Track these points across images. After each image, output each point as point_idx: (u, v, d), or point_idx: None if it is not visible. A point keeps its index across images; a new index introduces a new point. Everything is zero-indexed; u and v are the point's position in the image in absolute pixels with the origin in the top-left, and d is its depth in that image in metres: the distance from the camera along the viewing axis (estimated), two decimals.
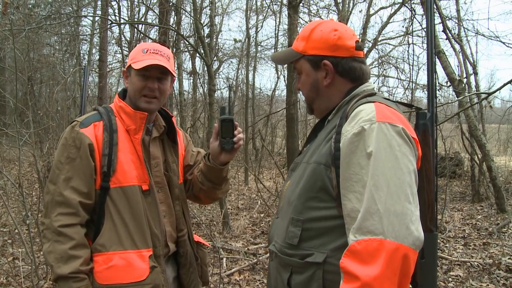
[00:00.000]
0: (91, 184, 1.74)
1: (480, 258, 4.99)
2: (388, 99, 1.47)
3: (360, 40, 1.51)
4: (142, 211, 1.78)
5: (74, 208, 1.69)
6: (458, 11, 9.10)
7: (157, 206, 1.85)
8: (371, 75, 1.62)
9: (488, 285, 4.17)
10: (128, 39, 11.19)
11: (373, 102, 1.37)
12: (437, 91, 9.25)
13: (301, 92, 1.63)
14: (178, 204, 1.97)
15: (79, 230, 1.70)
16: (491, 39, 8.43)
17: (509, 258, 4.87)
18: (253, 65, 14.37)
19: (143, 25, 10.48)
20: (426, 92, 1.50)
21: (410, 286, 1.34)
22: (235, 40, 12.53)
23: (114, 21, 8.15)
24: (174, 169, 1.97)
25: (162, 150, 1.96)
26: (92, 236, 1.76)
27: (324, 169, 1.38)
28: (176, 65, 9.69)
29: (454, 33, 8.75)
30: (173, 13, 9.07)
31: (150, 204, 1.83)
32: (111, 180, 1.75)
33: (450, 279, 4.33)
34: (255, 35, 14.11)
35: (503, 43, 7.95)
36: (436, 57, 6.41)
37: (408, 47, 9.77)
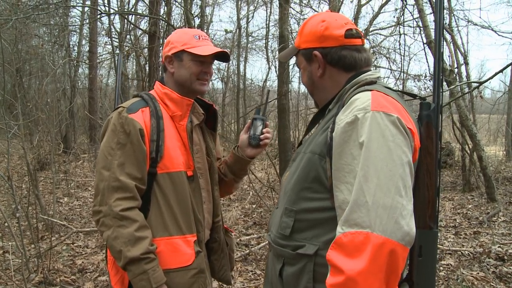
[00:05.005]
0: (144, 169, 1.73)
1: (470, 247, 5.03)
2: (390, 88, 1.41)
3: (353, 28, 1.46)
4: (188, 197, 1.80)
5: (132, 192, 1.69)
6: (449, 1, 9.10)
7: (201, 192, 1.89)
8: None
9: (478, 273, 4.20)
10: (118, 30, 11.06)
11: (371, 90, 1.32)
12: (428, 82, 9.28)
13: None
14: (217, 190, 2.02)
15: (139, 212, 1.70)
16: (484, 27, 8.44)
17: (499, 247, 4.91)
18: (244, 55, 14.33)
19: (133, 16, 10.35)
20: (417, 83, 1.47)
21: (407, 284, 1.30)
22: (226, 30, 12.47)
23: (103, 12, 8.04)
24: (214, 155, 2.02)
25: (202, 137, 2.00)
26: None
27: (318, 159, 1.34)
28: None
29: (445, 23, 8.75)
30: (163, 3, 8.96)
31: (194, 190, 1.85)
32: (158, 166, 1.76)
33: (441, 268, 4.37)
34: (246, 25, 14.07)
35: (495, 31, 7.94)
36: (427, 47, 6.35)
37: (400, 37, 9.70)
